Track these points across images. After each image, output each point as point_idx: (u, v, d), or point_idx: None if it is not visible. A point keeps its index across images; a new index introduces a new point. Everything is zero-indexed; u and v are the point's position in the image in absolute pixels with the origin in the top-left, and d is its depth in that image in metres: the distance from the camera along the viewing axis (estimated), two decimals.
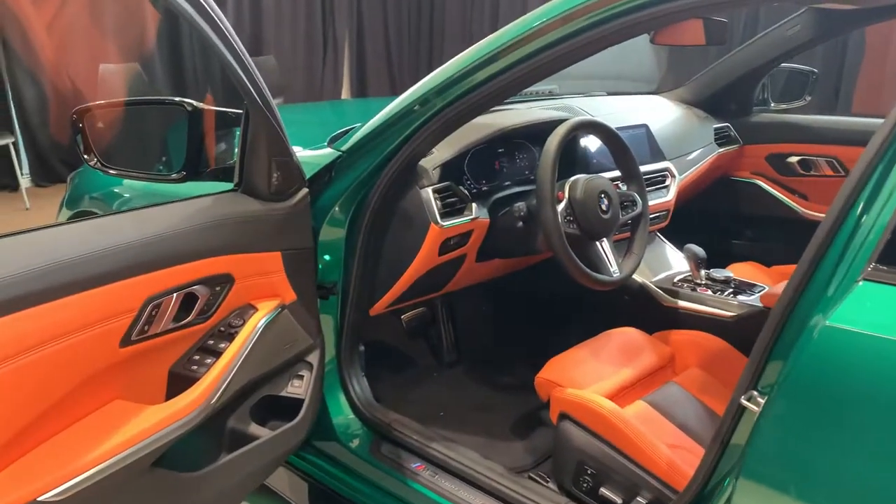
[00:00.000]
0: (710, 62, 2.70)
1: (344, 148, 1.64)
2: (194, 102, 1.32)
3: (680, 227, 2.32)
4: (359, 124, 1.69)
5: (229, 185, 1.39)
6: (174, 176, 1.33)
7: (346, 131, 1.79)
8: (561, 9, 1.28)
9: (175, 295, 1.17)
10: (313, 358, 1.54)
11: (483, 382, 2.25)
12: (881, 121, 0.99)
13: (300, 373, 1.52)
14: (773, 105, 2.71)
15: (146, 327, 1.13)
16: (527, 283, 2.31)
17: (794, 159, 2.55)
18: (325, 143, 1.74)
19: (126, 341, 1.10)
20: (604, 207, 1.70)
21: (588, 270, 1.65)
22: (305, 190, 1.44)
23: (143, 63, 5.66)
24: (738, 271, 2.23)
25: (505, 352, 2.41)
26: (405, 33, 7.65)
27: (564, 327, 2.34)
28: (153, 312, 1.13)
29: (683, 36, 1.97)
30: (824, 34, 2.31)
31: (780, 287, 1.89)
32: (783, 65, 2.59)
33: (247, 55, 1.19)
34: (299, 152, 1.71)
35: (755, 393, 1.07)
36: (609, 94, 2.68)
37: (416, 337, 2.30)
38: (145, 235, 1.13)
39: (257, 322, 1.34)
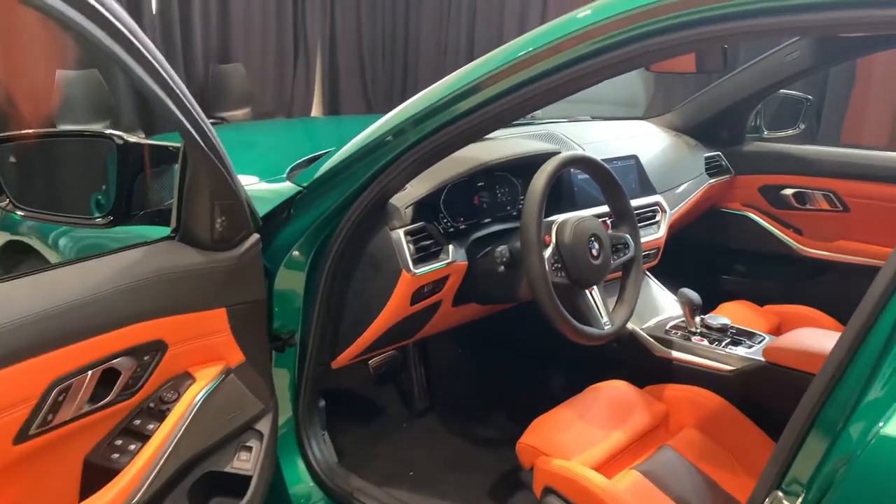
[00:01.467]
0: (702, 86, 2.56)
1: (305, 184, 1.45)
2: (125, 135, 1.12)
3: (665, 262, 2.16)
4: (323, 151, 1.51)
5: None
6: (99, 220, 1.13)
7: (310, 160, 1.61)
8: (551, 37, 1.11)
9: (90, 373, 0.96)
10: (264, 425, 1.35)
11: (457, 434, 2.06)
12: (882, 153, 0.82)
13: (248, 443, 1.32)
14: (766, 133, 2.57)
15: (50, 416, 0.92)
16: (507, 325, 2.13)
17: (788, 192, 2.41)
18: (285, 176, 1.55)
19: (22, 437, 0.90)
20: (594, 253, 1.53)
21: (577, 324, 1.47)
22: (256, 236, 1.24)
23: (104, 69, 5.39)
24: (729, 311, 2.07)
25: (481, 399, 2.22)
26: (379, 46, 7.46)
27: (547, 372, 2.17)
28: (60, 398, 0.93)
29: (675, 63, 1.83)
30: (826, 61, 2.17)
31: (783, 340, 1.74)
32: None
33: (178, 81, 0.98)
34: (253, 185, 1.52)
35: (780, 494, 0.90)
36: (594, 118, 2.52)
37: (385, 383, 2.11)
38: (51, 305, 0.92)
39: (194, 396, 1.14)
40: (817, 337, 1.72)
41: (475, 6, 6.76)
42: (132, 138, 1.13)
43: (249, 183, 1.54)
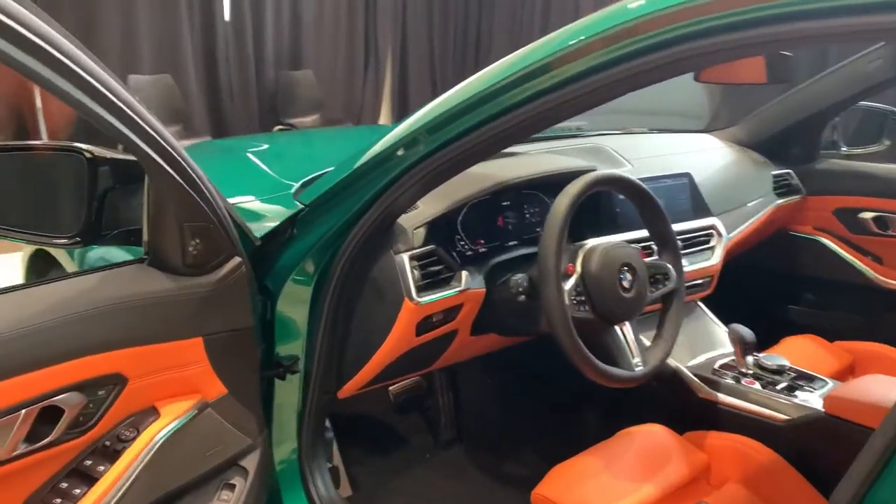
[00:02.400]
0: (771, 97, 2.34)
1: (307, 201, 1.34)
2: (94, 149, 1.04)
3: (726, 288, 1.96)
4: (326, 170, 1.40)
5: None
6: (64, 241, 1.05)
7: (318, 177, 1.50)
8: (602, 27, 0.92)
9: (24, 412, 0.88)
10: (250, 462, 1.24)
11: (484, 469, 1.92)
12: None
13: (232, 481, 1.22)
14: (844, 150, 2.33)
15: None
16: (541, 355, 1.98)
17: (867, 215, 2.17)
18: (292, 192, 1.45)
19: None
20: (626, 285, 1.37)
21: (600, 365, 1.31)
22: (237, 260, 1.14)
23: (176, 74, 5.50)
24: (794, 346, 1.87)
25: (511, 432, 2.07)
26: (450, 51, 7.39)
27: (582, 409, 2.00)
28: None
29: (739, 72, 1.64)
30: None
31: (847, 388, 1.53)
32: None
33: (120, 91, 0.86)
34: (248, 203, 1.44)
35: None
36: (651, 130, 2.33)
37: (406, 412, 1.98)
38: None
39: (155, 433, 1.04)
40: (890, 386, 1.50)
41: (549, 7, 6.59)
42: (103, 152, 1.05)
43: (250, 199, 1.46)
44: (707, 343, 1.79)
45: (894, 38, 1.65)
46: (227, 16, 5.83)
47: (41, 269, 2.05)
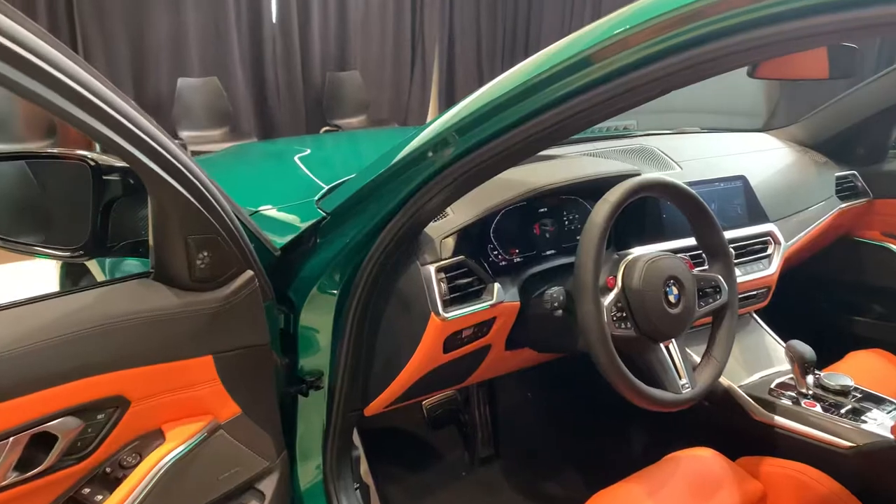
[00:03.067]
0: (835, 94, 2.18)
1: (329, 209, 1.27)
2: (98, 158, 0.98)
3: (784, 299, 1.82)
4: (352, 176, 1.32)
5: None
6: (67, 254, 1.00)
7: (341, 184, 1.43)
8: (647, 16, 0.79)
9: (11, 440, 0.82)
10: (267, 485, 1.18)
11: (522, 490, 1.82)
12: None
13: None
14: None
15: None
16: (585, 368, 1.88)
17: None
18: (315, 199, 1.38)
19: None
20: (672, 299, 1.26)
21: (643, 388, 1.21)
22: (249, 273, 1.07)
23: (224, 76, 5.53)
24: (860, 362, 1.72)
25: (552, 450, 1.96)
26: (499, 52, 7.30)
27: (628, 428, 1.89)
28: None
29: (798, 67, 1.51)
30: None
31: None
32: None
33: (111, 98, 0.79)
34: (267, 211, 1.37)
35: None
36: (703, 130, 2.20)
37: (440, 428, 1.89)
38: None
39: (160, 458, 0.98)
40: None
41: (599, 6, 6.44)
42: (108, 160, 0.99)
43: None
44: (763, 360, 1.66)
45: None
46: (273, 18, 5.85)
47: (75, 276, 2.03)
